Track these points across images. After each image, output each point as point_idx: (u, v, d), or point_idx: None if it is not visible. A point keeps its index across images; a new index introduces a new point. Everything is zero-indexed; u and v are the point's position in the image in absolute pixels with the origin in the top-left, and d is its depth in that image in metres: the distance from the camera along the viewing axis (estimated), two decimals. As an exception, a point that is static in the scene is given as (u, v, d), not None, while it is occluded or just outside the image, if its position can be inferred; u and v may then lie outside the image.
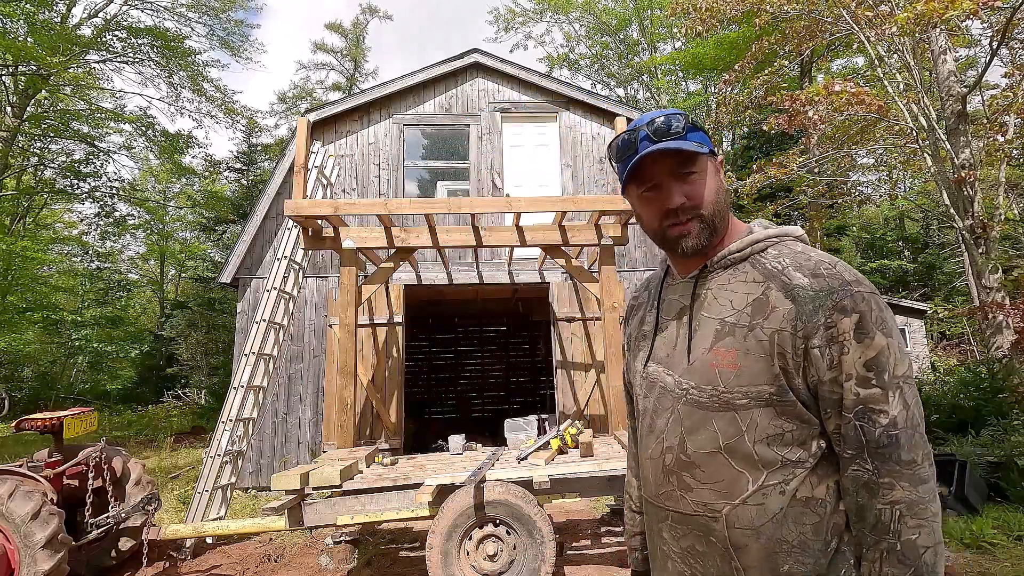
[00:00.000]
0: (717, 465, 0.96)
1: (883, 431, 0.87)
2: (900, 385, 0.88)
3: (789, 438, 0.93)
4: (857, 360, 0.88)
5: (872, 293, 0.91)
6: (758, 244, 1.02)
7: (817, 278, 0.93)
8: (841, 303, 0.90)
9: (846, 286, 0.91)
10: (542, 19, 25.24)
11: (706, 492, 0.97)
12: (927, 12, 6.33)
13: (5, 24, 13.39)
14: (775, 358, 0.92)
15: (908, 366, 0.90)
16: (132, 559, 4.59)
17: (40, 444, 7.78)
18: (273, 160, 21.19)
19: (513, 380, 13.32)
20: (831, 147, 9.92)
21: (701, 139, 1.01)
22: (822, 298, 0.91)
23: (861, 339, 0.88)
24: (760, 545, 0.92)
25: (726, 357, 0.96)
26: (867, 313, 0.89)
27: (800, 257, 0.97)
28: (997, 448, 5.65)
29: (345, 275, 5.24)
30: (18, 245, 13.81)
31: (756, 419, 0.93)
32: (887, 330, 0.90)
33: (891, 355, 0.89)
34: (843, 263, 0.95)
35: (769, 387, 0.92)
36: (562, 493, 3.97)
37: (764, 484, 0.92)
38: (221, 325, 17.47)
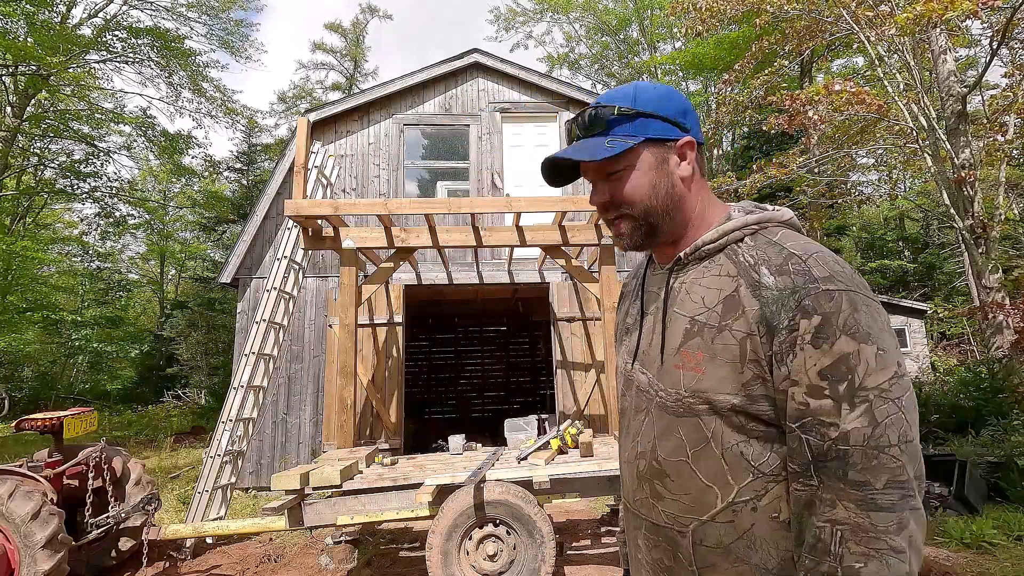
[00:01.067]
0: (685, 476, 0.88)
1: (831, 444, 0.76)
2: (870, 399, 0.75)
3: (759, 451, 0.83)
4: (811, 367, 0.77)
5: (848, 291, 0.78)
6: (734, 233, 0.90)
7: (783, 276, 0.82)
8: (803, 303, 0.78)
9: (812, 283, 0.79)
10: (542, 19, 25.26)
11: (675, 504, 0.90)
12: (927, 12, 6.33)
13: (5, 24, 13.39)
14: (746, 365, 0.82)
15: (891, 378, 0.76)
16: (132, 559, 4.59)
17: (40, 444, 7.78)
18: (273, 160, 21.19)
19: (513, 380, 13.32)
20: (831, 147, 9.93)
21: (632, 130, 0.91)
22: (785, 298, 0.80)
23: (819, 344, 0.77)
24: (729, 565, 0.85)
25: (692, 359, 0.87)
26: (833, 315, 0.77)
27: (772, 250, 0.85)
28: (997, 448, 5.65)
29: (345, 275, 5.24)
30: (18, 245, 13.81)
31: (720, 428, 0.84)
32: (859, 335, 0.76)
33: (859, 364, 0.76)
34: (821, 255, 0.82)
35: (734, 396, 0.83)
36: (562, 493, 3.97)
37: (735, 500, 0.84)
38: (221, 325, 17.47)
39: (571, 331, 7.83)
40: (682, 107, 0.94)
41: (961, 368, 9.87)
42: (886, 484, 0.74)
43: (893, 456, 0.75)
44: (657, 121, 0.92)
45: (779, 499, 0.84)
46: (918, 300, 17.25)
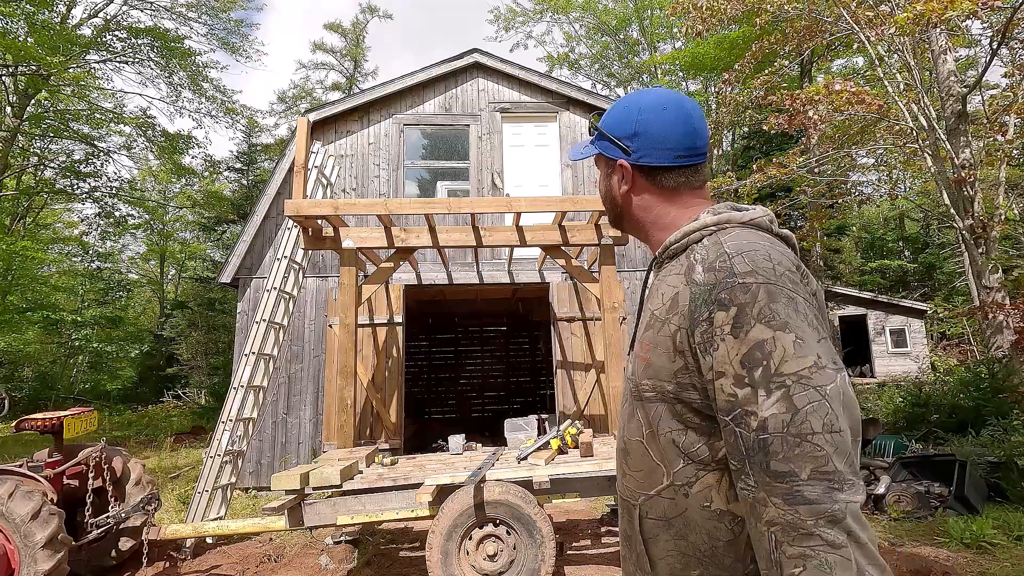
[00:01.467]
0: (640, 454, 0.95)
1: (754, 436, 0.75)
2: (786, 384, 0.74)
3: (692, 438, 0.87)
4: (733, 357, 0.78)
5: (767, 283, 0.79)
6: (694, 235, 0.95)
7: (709, 272, 0.85)
8: (719, 296, 0.81)
9: (730, 278, 0.81)
10: (542, 19, 25.26)
11: (632, 479, 0.98)
12: (927, 12, 6.33)
13: (5, 24, 13.39)
14: (676, 355, 0.87)
15: (811, 366, 0.75)
16: (132, 559, 4.59)
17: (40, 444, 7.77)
18: (273, 160, 21.20)
19: (513, 380, 13.32)
20: (831, 147, 9.93)
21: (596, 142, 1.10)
22: (706, 293, 0.83)
23: (737, 333, 0.78)
24: (670, 537, 0.90)
25: (643, 349, 0.94)
26: (748, 305, 0.78)
27: (713, 248, 0.88)
28: (997, 448, 5.65)
29: (345, 275, 5.25)
30: (18, 245, 13.82)
31: (660, 414, 0.90)
32: (774, 323, 0.77)
33: (774, 350, 0.76)
34: (750, 253, 0.84)
35: (668, 384, 0.88)
36: (562, 493, 3.97)
37: (674, 482, 0.89)
38: (221, 325, 17.48)
39: (571, 331, 7.83)
40: (631, 130, 1.03)
41: (961, 368, 9.87)
42: (811, 475, 0.71)
43: (817, 445, 0.72)
44: (606, 140, 1.07)
45: (710, 488, 0.86)
46: (918, 300, 17.25)
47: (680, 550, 0.89)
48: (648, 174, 1.04)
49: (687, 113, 1.01)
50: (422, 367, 13.17)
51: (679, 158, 1.01)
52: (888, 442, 6.47)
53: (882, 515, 5.24)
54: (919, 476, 5.57)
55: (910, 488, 5.29)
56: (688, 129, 1.01)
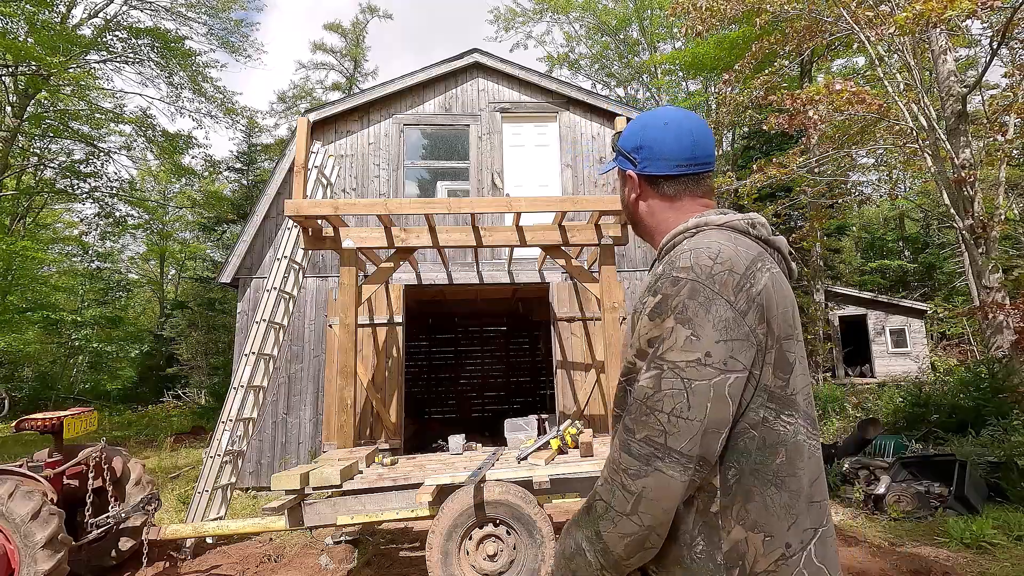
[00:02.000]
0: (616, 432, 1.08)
1: (632, 398, 0.92)
2: (662, 367, 0.88)
3: None
4: (643, 334, 0.92)
5: (695, 281, 0.90)
6: (679, 236, 1.06)
7: (664, 265, 0.98)
8: (655, 285, 0.95)
9: (670, 271, 0.94)
10: (542, 19, 25.25)
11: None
12: (926, 12, 6.33)
13: (5, 24, 13.39)
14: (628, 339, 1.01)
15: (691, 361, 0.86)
16: (132, 559, 4.59)
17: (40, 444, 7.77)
18: (273, 160, 21.20)
19: (513, 380, 13.32)
20: (831, 147, 9.93)
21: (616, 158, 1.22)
22: (651, 283, 0.97)
23: (653, 317, 0.92)
24: None
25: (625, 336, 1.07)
26: (670, 297, 0.90)
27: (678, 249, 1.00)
28: (997, 448, 5.65)
29: (345, 275, 5.24)
30: (18, 245, 13.82)
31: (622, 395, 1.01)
32: (681, 317, 0.88)
33: (673, 340, 0.88)
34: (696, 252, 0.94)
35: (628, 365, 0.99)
36: (562, 493, 3.97)
37: None
38: (221, 325, 17.48)
39: (571, 331, 7.83)
40: (637, 143, 1.15)
41: (961, 368, 9.87)
42: (642, 439, 0.88)
43: (659, 421, 0.87)
44: (621, 156, 1.20)
45: None
46: (918, 300, 17.25)
47: None
48: (652, 183, 1.15)
49: (687, 128, 1.12)
50: (422, 367, 13.17)
51: (679, 167, 1.11)
52: (888, 442, 6.47)
53: (882, 515, 5.24)
54: (919, 476, 5.57)
55: (910, 488, 5.29)
56: (688, 142, 1.10)
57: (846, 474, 6.02)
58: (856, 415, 8.98)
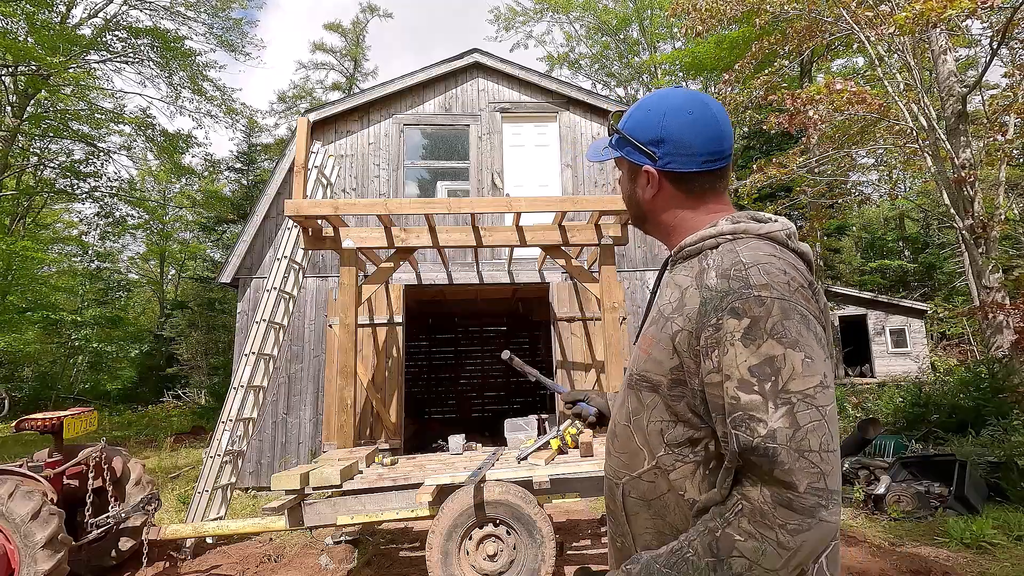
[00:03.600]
0: (626, 438, 1.02)
1: (760, 441, 0.78)
2: (792, 401, 0.78)
3: (679, 432, 0.92)
4: (741, 363, 0.81)
5: (782, 299, 0.82)
6: (710, 240, 0.97)
7: (723, 279, 0.87)
8: (732, 305, 0.84)
9: (746, 289, 0.84)
10: (542, 19, 25.27)
11: (616, 460, 1.04)
12: (926, 11, 6.33)
13: (5, 24, 13.39)
14: (674, 352, 0.91)
15: (816, 386, 0.79)
16: (132, 559, 4.59)
17: (40, 444, 7.77)
18: (273, 160, 21.20)
19: (513, 380, 13.32)
20: (831, 147, 9.92)
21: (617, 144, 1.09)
22: (719, 299, 0.86)
23: (747, 343, 0.81)
24: (649, 516, 0.97)
25: (645, 342, 1.00)
26: (761, 319, 0.81)
27: (728, 256, 0.91)
28: (997, 448, 5.65)
29: (345, 275, 5.24)
30: (18, 245, 13.81)
31: (652, 404, 0.96)
32: (785, 340, 0.80)
33: (783, 366, 0.79)
34: (767, 266, 0.86)
35: (664, 378, 0.93)
36: (562, 493, 3.97)
37: (656, 466, 0.95)
38: (221, 325, 17.48)
39: (571, 331, 7.83)
40: (656, 135, 1.02)
41: (961, 368, 9.87)
42: (806, 489, 0.76)
43: (813, 462, 0.77)
44: (630, 145, 1.06)
45: (685, 479, 0.92)
46: (918, 300, 17.25)
47: (657, 528, 0.96)
48: (675, 180, 1.04)
49: (713, 116, 1.00)
50: (422, 367, 13.17)
51: (706, 163, 1.01)
52: (888, 442, 6.47)
53: (882, 515, 5.24)
54: (919, 476, 5.57)
55: (910, 488, 5.29)
56: (715, 133, 1.00)
57: (846, 474, 6.02)
58: (856, 415, 8.99)
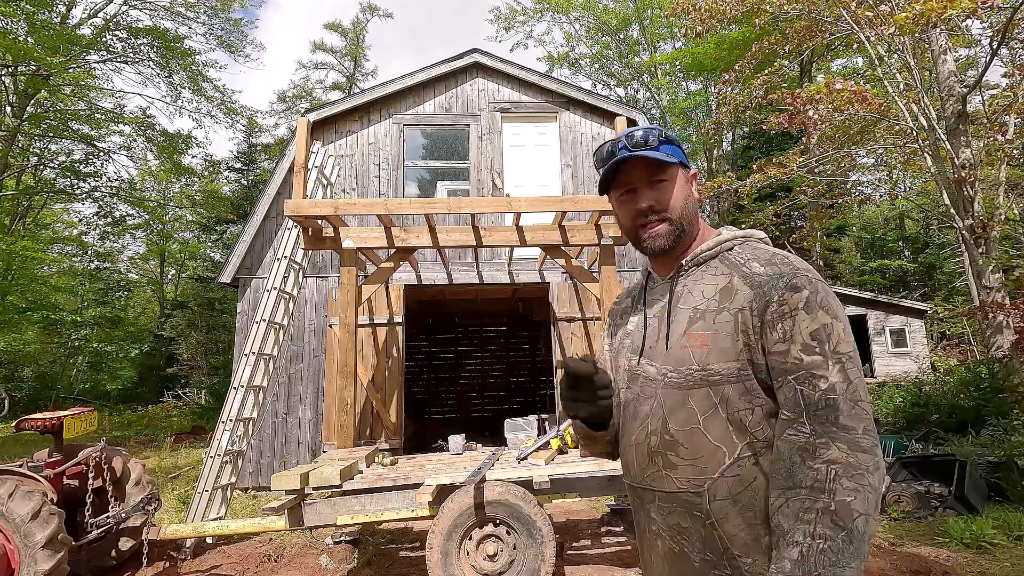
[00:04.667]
0: (697, 441, 1.03)
1: (822, 395, 0.93)
2: (842, 360, 0.95)
3: (759, 413, 1.00)
4: (804, 329, 0.96)
5: (820, 280, 1.01)
6: (726, 243, 1.13)
7: (772, 266, 1.04)
8: (792, 282, 1.00)
9: (796, 271, 1.01)
10: (542, 19, 25.25)
11: (689, 468, 1.04)
12: (926, 11, 6.33)
13: (5, 24, 13.38)
14: (739, 335, 1.01)
15: (853, 350, 0.96)
16: (132, 559, 4.59)
17: (40, 444, 7.77)
18: (273, 160, 21.19)
19: (513, 380, 13.32)
20: (831, 147, 9.92)
21: (672, 151, 1.14)
22: (775, 280, 1.01)
23: (809, 311, 0.97)
24: (737, 512, 0.99)
25: (698, 339, 1.05)
26: (814, 293, 0.98)
27: (759, 251, 1.10)
28: (997, 448, 5.65)
29: (345, 275, 5.24)
30: (18, 245, 13.81)
31: (727, 394, 1.01)
32: (832, 312, 0.98)
33: (834, 332, 0.96)
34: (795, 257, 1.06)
35: (736, 363, 1.01)
36: (562, 493, 3.97)
37: (739, 456, 1.00)
38: (221, 325, 17.47)
39: (571, 331, 7.83)
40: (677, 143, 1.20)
41: (961, 368, 9.87)
42: (864, 430, 0.91)
43: (864, 409, 0.93)
44: (680, 151, 1.17)
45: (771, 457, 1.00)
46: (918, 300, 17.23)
47: (747, 521, 0.99)
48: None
49: None
50: (422, 367, 13.16)
51: None
52: (888, 442, 6.47)
53: (882, 515, 5.24)
54: (919, 476, 5.57)
55: (910, 488, 5.29)
56: None
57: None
58: (856, 415, 8.95)
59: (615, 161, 1.13)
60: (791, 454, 0.93)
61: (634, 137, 1.13)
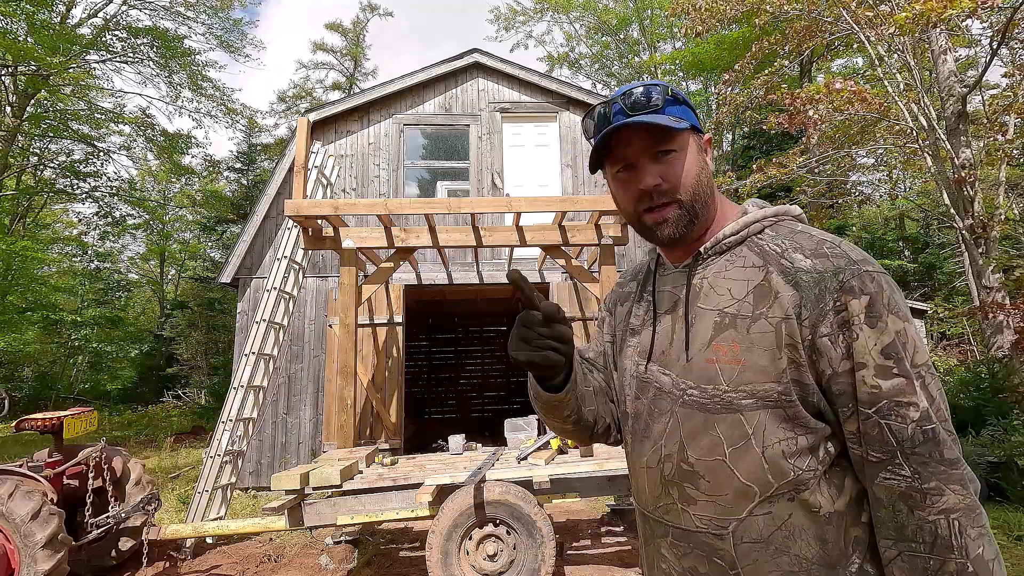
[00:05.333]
0: (722, 475, 0.84)
1: (916, 427, 0.75)
2: (923, 375, 0.77)
3: (803, 443, 0.81)
4: (872, 347, 0.77)
5: (882, 273, 0.81)
6: (755, 225, 0.90)
7: (820, 258, 0.82)
8: (848, 283, 0.79)
9: (852, 265, 0.80)
10: (542, 18, 25.26)
11: (711, 506, 0.85)
12: (926, 11, 6.33)
13: (5, 24, 13.38)
14: (782, 350, 0.81)
15: (927, 355, 0.79)
16: (132, 559, 4.59)
17: (40, 444, 7.77)
18: (273, 160, 21.20)
19: (513, 380, 13.32)
20: (831, 147, 9.92)
21: (682, 112, 0.90)
22: (827, 280, 0.80)
23: (874, 323, 0.77)
24: (770, 558, 0.81)
25: (728, 352, 0.84)
26: (878, 295, 0.78)
27: (800, 237, 0.86)
28: (997, 448, 5.65)
29: (345, 275, 5.24)
30: (18, 245, 13.81)
31: (764, 422, 0.81)
32: (902, 314, 0.79)
33: (909, 340, 0.77)
34: (847, 244, 0.84)
35: (776, 384, 0.81)
36: (562, 493, 3.97)
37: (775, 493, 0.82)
38: (221, 325, 17.47)
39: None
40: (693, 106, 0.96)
41: (961, 368, 9.87)
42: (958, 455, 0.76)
43: (950, 430, 0.77)
44: (692, 113, 0.93)
45: (815, 494, 0.81)
46: (918, 300, 17.23)
47: (781, 568, 0.81)
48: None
49: None
50: (422, 367, 13.16)
51: None
52: (888, 442, 6.45)
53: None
54: (919, 476, 5.56)
55: (910, 488, 5.29)
56: None
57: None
58: (856, 415, 8.96)
59: (609, 130, 0.88)
60: (893, 501, 0.77)
61: (632, 96, 0.88)
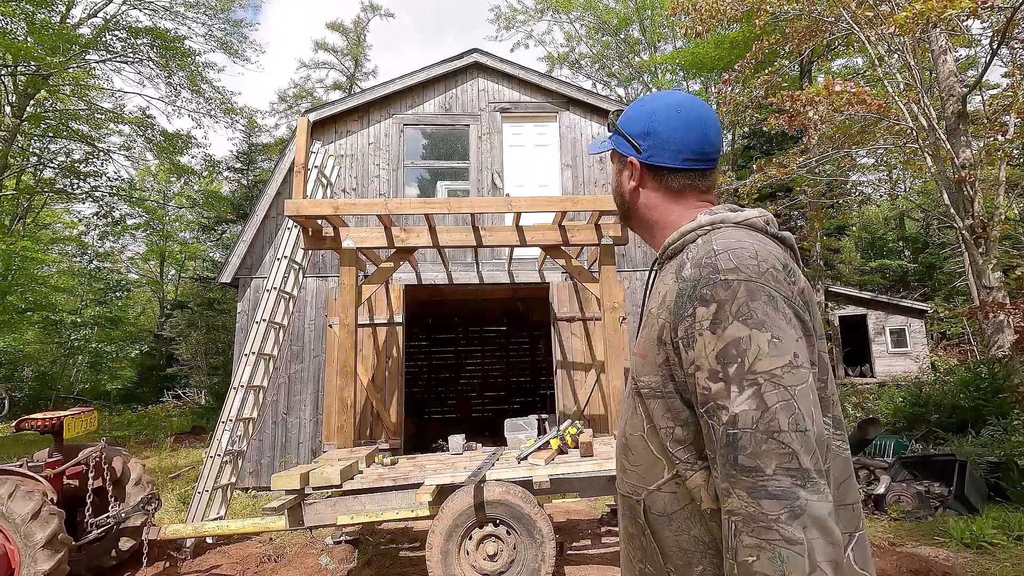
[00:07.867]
0: (641, 450, 0.95)
1: (723, 430, 0.76)
2: (758, 382, 0.76)
3: (679, 434, 0.87)
4: (709, 352, 0.80)
5: (749, 281, 0.81)
6: (690, 235, 0.96)
7: (696, 268, 0.87)
8: (701, 292, 0.83)
9: (714, 275, 0.83)
10: (543, 18, 25.26)
11: (634, 475, 0.96)
12: (926, 11, 6.33)
13: (5, 24, 13.38)
14: (660, 348, 0.90)
15: (784, 366, 0.77)
16: (132, 559, 4.59)
17: (40, 444, 7.77)
18: (273, 160, 21.19)
19: (513, 380, 13.32)
20: (831, 147, 9.92)
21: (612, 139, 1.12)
22: (691, 288, 0.85)
23: (715, 329, 0.80)
24: (672, 534, 0.88)
25: (640, 347, 0.96)
26: (727, 302, 0.80)
27: (704, 247, 0.90)
28: (997, 448, 5.65)
29: (345, 275, 5.24)
30: (18, 245, 13.81)
31: (654, 409, 0.91)
32: (751, 321, 0.78)
33: (748, 347, 0.77)
34: (737, 252, 0.85)
35: (657, 377, 0.90)
36: (562, 493, 3.97)
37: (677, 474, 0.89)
38: (221, 325, 17.47)
39: (571, 331, 7.83)
40: (643, 128, 1.05)
41: (961, 368, 9.87)
42: (775, 470, 0.72)
43: (783, 442, 0.73)
44: (620, 137, 1.10)
45: (698, 488, 0.86)
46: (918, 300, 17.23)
47: (680, 546, 0.87)
48: (656, 173, 1.06)
49: (700, 118, 1.03)
50: (422, 367, 13.17)
51: (687, 161, 1.03)
52: (888, 442, 6.47)
53: (882, 515, 5.24)
54: (919, 476, 5.57)
55: (910, 488, 5.29)
56: (700, 135, 1.02)
57: (846, 474, 6.02)
58: (856, 415, 8.98)
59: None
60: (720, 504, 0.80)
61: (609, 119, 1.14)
